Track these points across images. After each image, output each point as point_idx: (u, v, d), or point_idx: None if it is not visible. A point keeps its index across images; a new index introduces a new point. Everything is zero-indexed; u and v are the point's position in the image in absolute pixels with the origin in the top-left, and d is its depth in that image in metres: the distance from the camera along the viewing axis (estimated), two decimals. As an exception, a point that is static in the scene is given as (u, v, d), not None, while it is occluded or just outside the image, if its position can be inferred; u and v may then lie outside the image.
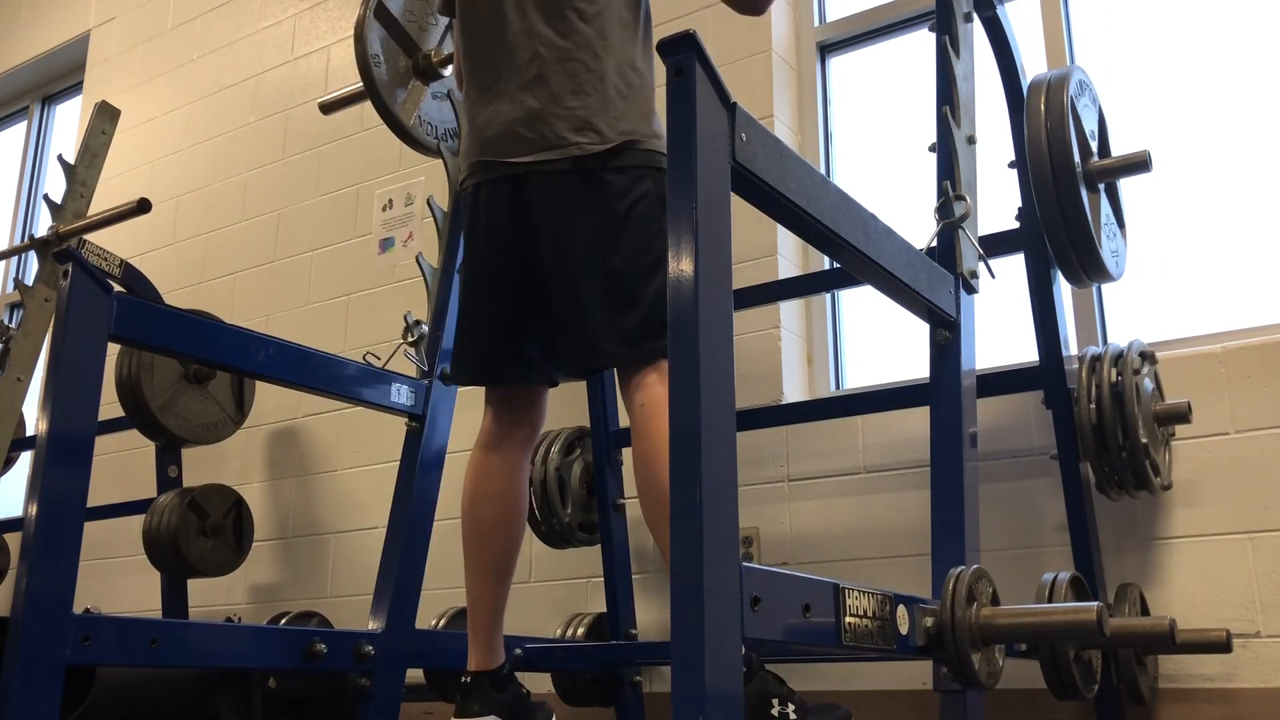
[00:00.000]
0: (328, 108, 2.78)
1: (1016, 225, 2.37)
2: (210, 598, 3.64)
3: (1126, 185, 2.41)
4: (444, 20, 2.58)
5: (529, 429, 2.04)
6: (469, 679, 1.94)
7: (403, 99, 2.56)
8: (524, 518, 2.03)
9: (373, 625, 2.21)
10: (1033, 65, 2.54)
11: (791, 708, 1.70)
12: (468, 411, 3.23)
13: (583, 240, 1.84)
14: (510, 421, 2.01)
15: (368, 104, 2.63)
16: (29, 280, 3.29)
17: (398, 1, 2.54)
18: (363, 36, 2.46)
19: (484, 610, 1.98)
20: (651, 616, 2.82)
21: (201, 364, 3.09)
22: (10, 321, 4.40)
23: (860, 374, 2.99)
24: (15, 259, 4.88)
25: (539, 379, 2.01)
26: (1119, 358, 2.17)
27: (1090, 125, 2.27)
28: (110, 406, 2.67)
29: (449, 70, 2.56)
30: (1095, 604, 1.43)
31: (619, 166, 1.84)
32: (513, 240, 1.91)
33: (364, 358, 2.40)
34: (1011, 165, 2.40)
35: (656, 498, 1.72)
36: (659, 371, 1.78)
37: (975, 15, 2.11)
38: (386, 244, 3.62)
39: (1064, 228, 2.14)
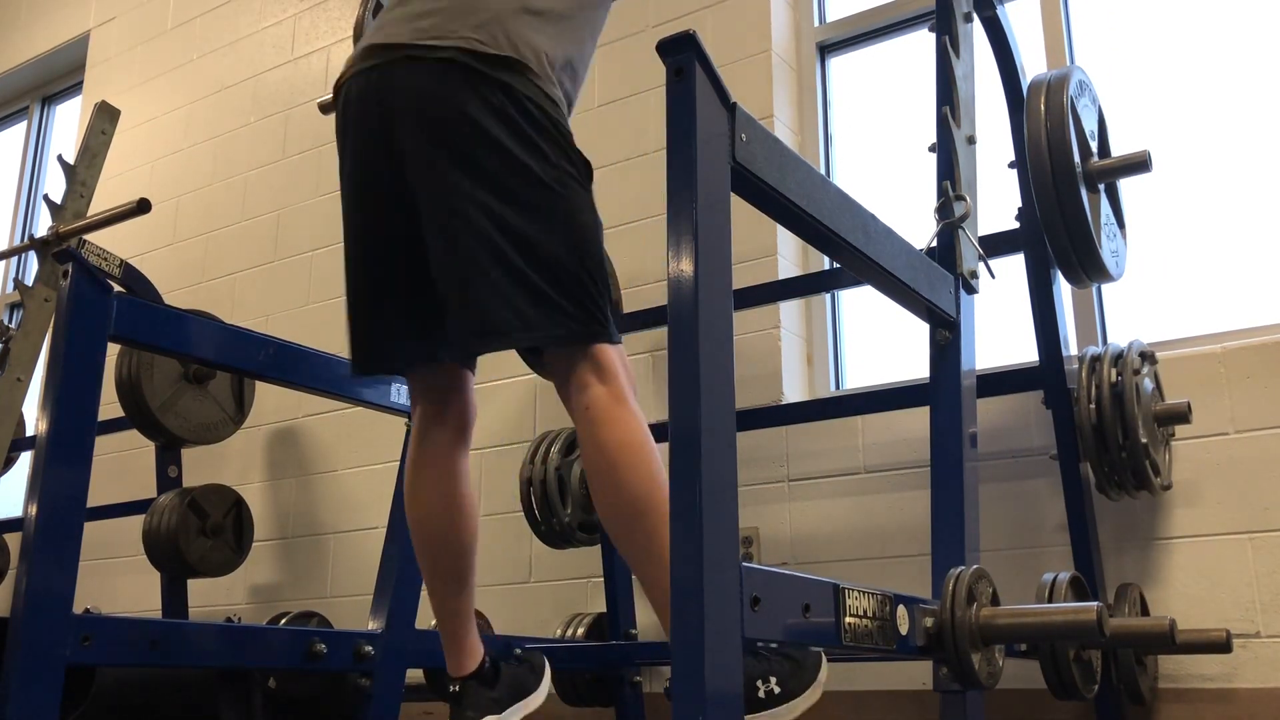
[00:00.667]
0: (327, 107, 2.77)
1: (1016, 225, 2.37)
2: (210, 598, 3.64)
3: (1126, 185, 2.41)
4: None
5: (457, 420, 1.78)
6: (456, 686, 1.81)
7: None
8: (473, 520, 1.77)
9: (373, 625, 2.21)
10: (1033, 65, 2.54)
11: (774, 680, 1.55)
12: (468, 411, 3.24)
13: (466, 178, 1.57)
14: (432, 416, 1.77)
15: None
16: (29, 280, 3.29)
17: None
18: (362, 36, 2.45)
19: (451, 618, 1.79)
20: (651, 616, 2.82)
21: (201, 364, 3.08)
22: (10, 321, 4.40)
23: (860, 374, 2.99)
24: (15, 259, 4.88)
25: (446, 356, 1.75)
26: (1119, 358, 2.17)
27: (1090, 125, 2.27)
28: (110, 406, 2.67)
29: None
30: (1095, 604, 1.43)
31: (512, 89, 1.58)
32: (382, 155, 1.69)
33: (364, 358, 2.39)
34: (1011, 165, 2.40)
35: (618, 511, 1.53)
36: (594, 366, 1.56)
37: (975, 15, 2.11)
38: (386, 244, 3.62)
39: (1064, 228, 2.14)
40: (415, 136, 1.63)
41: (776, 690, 1.54)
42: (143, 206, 2.88)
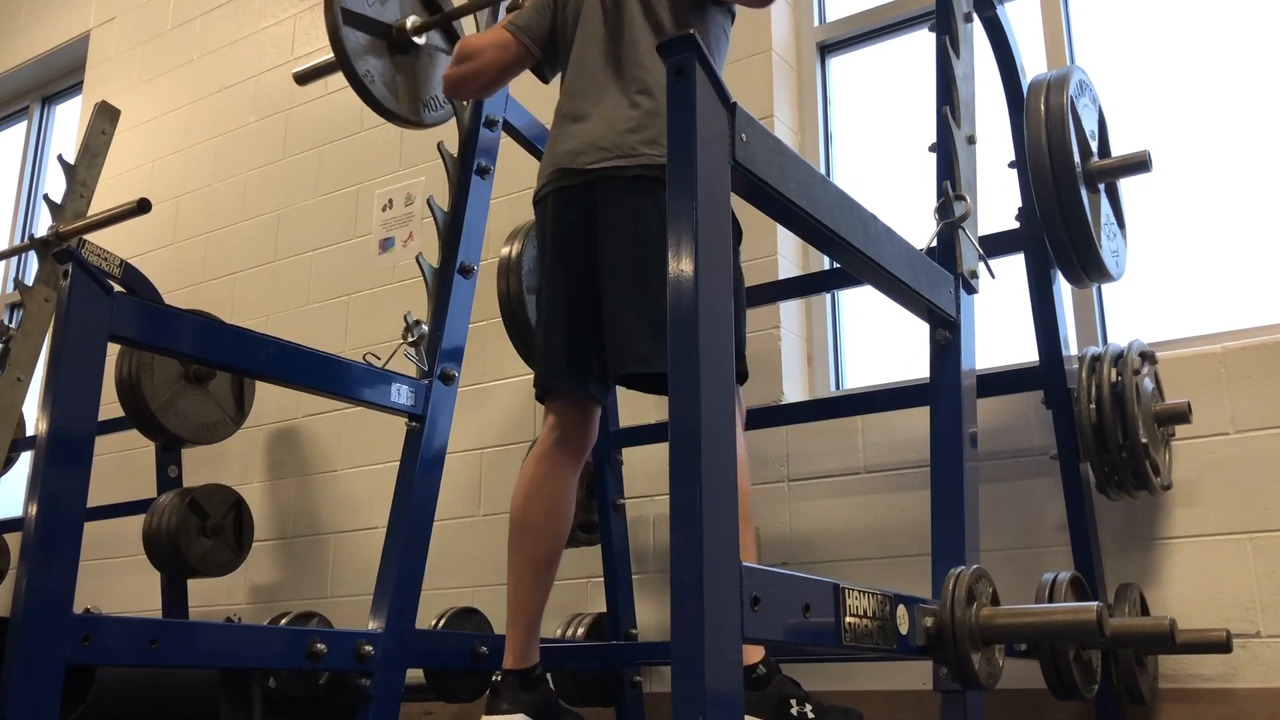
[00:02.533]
0: (303, 78, 2.72)
1: (1016, 225, 2.37)
2: (210, 598, 3.64)
3: (1126, 185, 2.41)
4: None
5: (583, 443, 2.12)
6: (500, 676, 1.99)
7: (391, 79, 2.48)
8: (567, 524, 2.08)
9: (373, 625, 2.21)
10: (1033, 65, 2.54)
11: (809, 707, 1.79)
12: (467, 412, 3.24)
13: (639, 252, 1.95)
14: (565, 433, 2.10)
15: (365, 106, 2.59)
16: (29, 280, 3.29)
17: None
18: (343, 48, 2.37)
19: (521, 609, 2.02)
20: (651, 616, 2.82)
21: (201, 364, 3.09)
22: (10, 321, 4.39)
23: (860, 374, 2.99)
24: (15, 259, 4.88)
25: (592, 389, 2.10)
26: (1119, 358, 2.17)
27: (1090, 125, 2.27)
28: (110, 406, 2.67)
29: (424, 38, 2.52)
30: (1095, 604, 1.43)
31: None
32: (583, 242, 2.03)
33: (364, 358, 2.40)
34: (1011, 165, 2.40)
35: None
36: None
37: (975, 15, 2.11)
38: (386, 244, 3.62)
39: (1064, 228, 2.14)
40: (615, 227, 2.00)
41: (810, 715, 1.77)
42: (143, 206, 2.88)
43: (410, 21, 2.52)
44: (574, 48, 2.12)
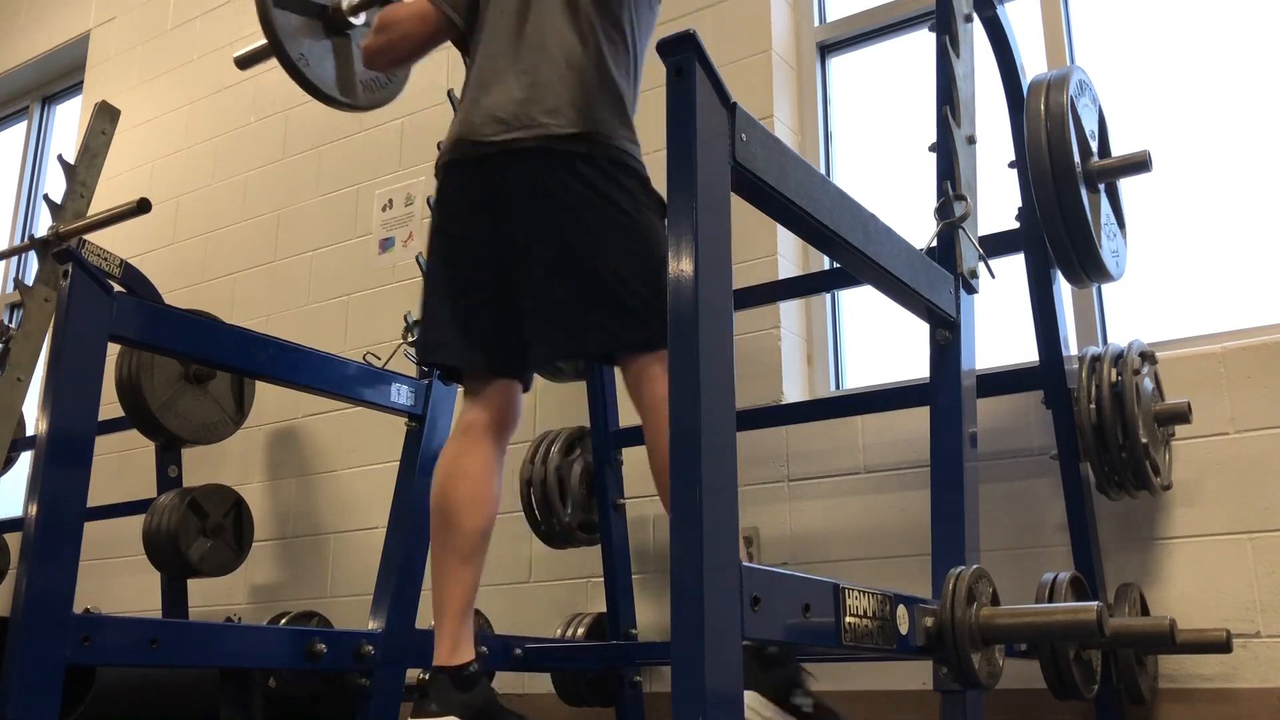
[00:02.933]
0: (242, 62, 2.62)
1: (1016, 225, 2.37)
2: (210, 598, 3.64)
3: (1126, 185, 2.41)
4: None
5: (504, 423, 1.99)
6: (428, 675, 1.83)
7: (328, 62, 2.37)
8: (494, 505, 1.94)
9: (373, 625, 2.21)
10: (1033, 65, 2.54)
11: (810, 701, 1.74)
12: (468, 411, 3.24)
13: (558, 231, 1.86)
14: (483, 415, 1.97)
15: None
16: (29, 280, 3.29)
17: None
18: (274, 31, 2.27)
19: (450, 600, 1.86)
20: (651, 616, 2.82)
21: (201, 364, 3.09)
22: (10, 321, 4.39)
23: (860, 374, 2.99)
24: (15, 259, 4.88)
25: (513, 371, 2.01)
26: (1119, 358, 2.17)
27: (1090, 125, 2.27)
28: (110, 406, 2.67)
29: (361, 17, 2.41)
30: (1095, 604, 1.43)
31: (588, 156, 1.87)
32: (483, 222, 1.94)
33: (364, 358, 2.40)
34: (1011, 165, 2.40)
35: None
36: (656, 362, 1.80)
37: (975, 15, 2.11)
38: (386, 244, 3.62)
39: (1064, 228, 2.14)
40: (522, 208, 1.90)
41: (806, 709, 1.71)
42: (143, 206, 2.88)
43: (346, 1, 2.42)
44: (489, 16, 2.04)
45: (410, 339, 2.51)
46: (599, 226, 1.86)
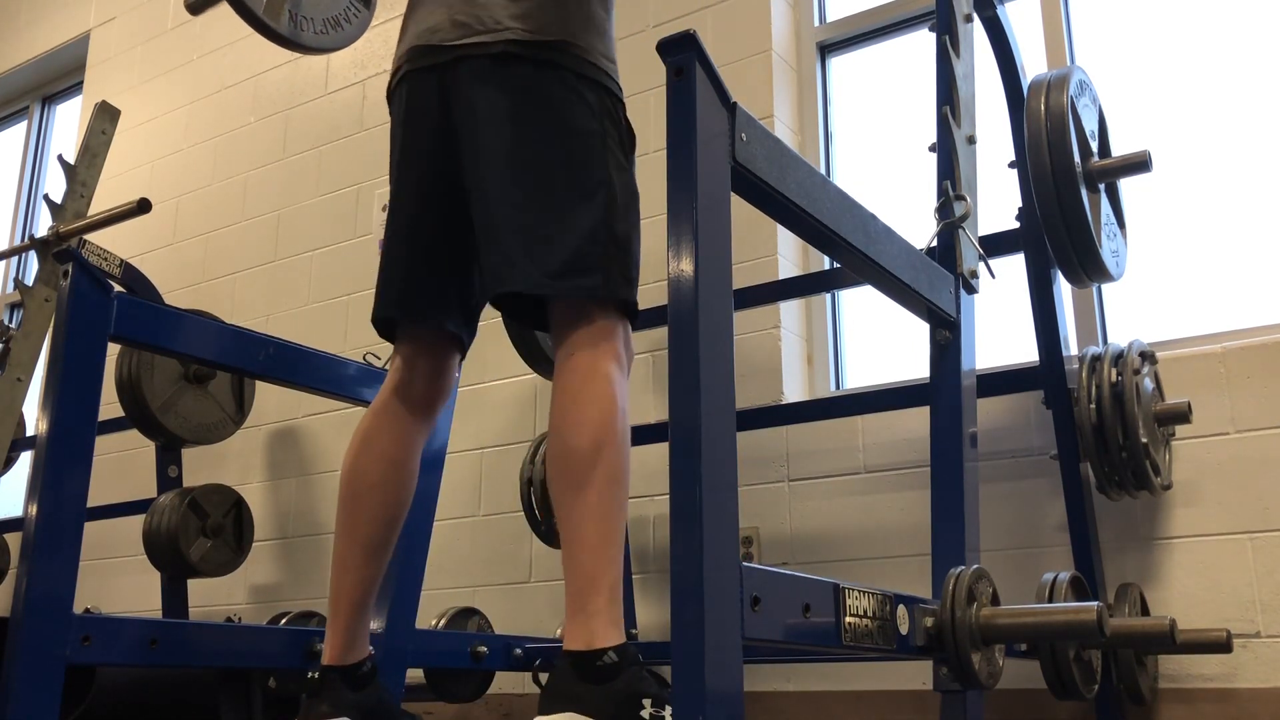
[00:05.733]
0: (195, 7, 2.45)
1: (1016, 225, 2.37)
2: (210, 598, 3.64)
3: (1126, 185, 2.41)
4: None
5: (433, 394, 1.78)
6: (317, 675, 1.68)
7: None
8: (408, 491, 1.76)
9: (373, 625, 2.21)
10: (1033, 65, 2.54)
11: (669, 711, 1.40)
12: (467, 412, 3.24)
13: (503, 141, 1.62)
14: (411, 382, 1.77)
15: (365, 106, 2.57)
16: (29, 280, 3.29)
17: None
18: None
19: (347, 593, 1.70)
20: (651, 616, 2.82)
21: (201, 364, 3.08)
22: (10, 321, 4.40)
23: (860, 374, 2.99)
24: (15, 259, 4.88)
25: (451, 326, 1.78)
26: (1119, 358, 2.17)
27: (1090, 125, 2.27)
28: (110, 406, 2.67)
29: None
30: (1095, 604, 1.43)
31: (553, 62, 1.63)
32: (436, 136, 1.71)
33: (364, 358, 2.40)
34: (1011, 165, 2.40)
35: (571, 453, 1.50)
36: (588, 322, 1.58)
37: (975, 15, 2.11)
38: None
39: (1064, 228, 2.14)
40: (480, 127, 1.66)
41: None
42: (143, 206, 2.88)
43: None
44: None
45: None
46: (553, 146, 1.62)
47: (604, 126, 1.67)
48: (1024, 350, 2.50)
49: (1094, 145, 2.27)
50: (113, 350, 2.11)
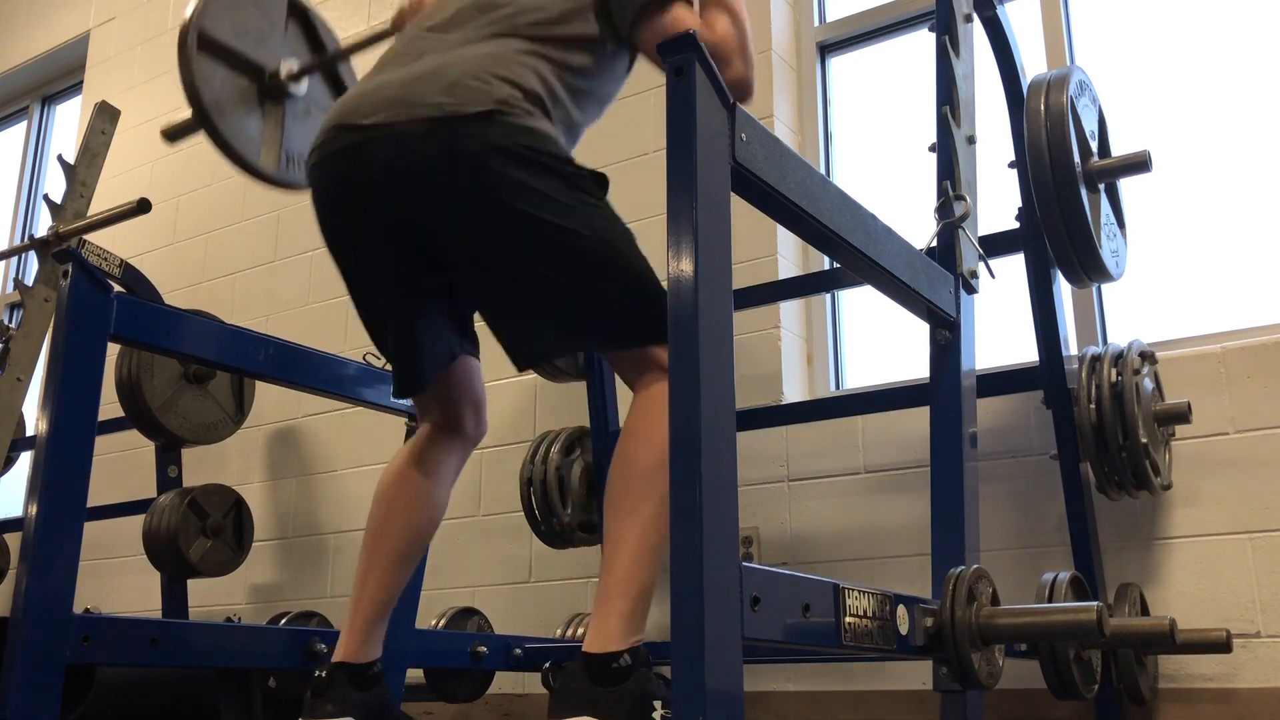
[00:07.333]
0: (172, 135, 2.34)
1: (1016, 225, 2.37)
2: (210, 598, 3.64)
3: (1126, 185, 2.41)
4: (281, 33, 2.20)
5: (458, 415, 1.85)
6: (325, 673, 1.69)
7: (257, 133, 2.12)
8: (440, 512, 1.84)
9: (374, 625, 2.20)
10: (1033, 65, 2.54)
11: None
12: (468, 411, 3.23)
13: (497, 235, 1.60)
14: (439, 413, 1.84)
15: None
16: (29, 280, 3.29)
17: (225, 27, 2.06)
18: (193, 79, 1.97)
19: (370, 593, 1.74)
20: (652, 616, 2.81)
21: (201, 364, 3.08)
22: (10, 321, 4.39)
23: (860, 374, 2.99)
24: (15, 259, 4.88)
25: (456, 353, 1.81)
26: (1119, 358, 2.17)
27: (1090, 125, 2.27)
28: (110, 406, 2.67)
29: (304, 86, 2.17)
30: (1095, 604, 1.43)
31: (497, 145, 1.57)
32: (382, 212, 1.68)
33: (364, 358, 2.40)
34: (1011, 165, 2.40)
35: (629, 477, 1.53)
36: (647, 356, 1.59)
37: (975, 15, 2.11)
38: (386, 244, 3.62)
39: (1064, 228, 2.14)
40: (429, 207, 1.64)
41: None
42: (143, 206, 2.88)
43: (286, 68, 2.15)
44: None
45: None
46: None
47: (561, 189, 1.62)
48: (1024, 350, 2.50)
49: (1094, 145, 2.27)
50: (113, 350, 2.10)
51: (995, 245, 2.29)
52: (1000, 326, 2.56)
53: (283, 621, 3.02)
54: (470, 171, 1.57)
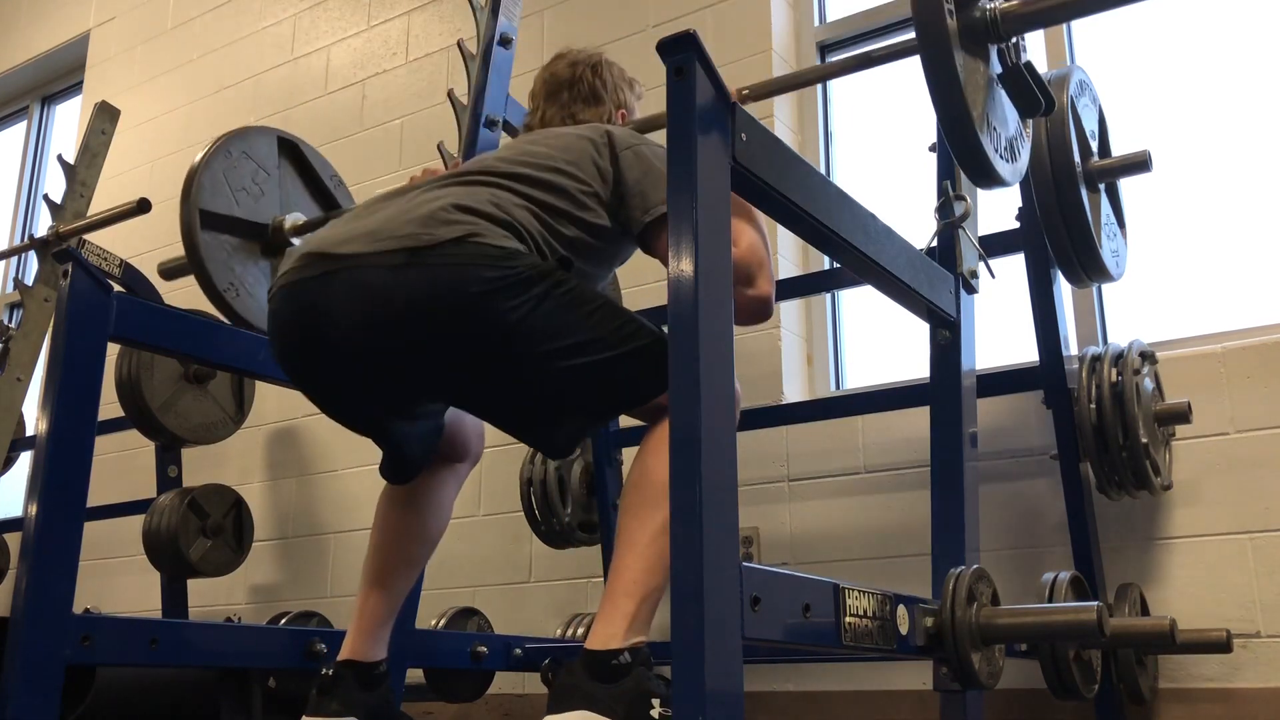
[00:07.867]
0: (168, 274, 2.38)
1: (1016, 225, 2.37)
2: (210, 598, 3.64)
3: (1126, 185, 2.41)
4: (276, 175, 2.23)
5: (457, 451, 1.90)
6: (331, 671, 1.68)
7: (261, 289, 2.14)
8: (444, 520, 1.90)
9: (373, 625, 2.20)
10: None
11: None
12: (468, 411, 3.23)
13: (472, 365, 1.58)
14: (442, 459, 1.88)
15: (364, 106, 2.57)
16: (29, 280, 3.29)
17: (223, 196, 2.09)
18: (199, 257, 1.99)
19: (383, 598, 1.77)
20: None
21: (201, 364, 3.08)
22: (10, 321, 4.39)
23: (860, 374, 2.99)
24: (15, 259, 4.88)
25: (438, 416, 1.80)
26: (1119, 358, 2.17)
27: (1090, 125, 2.27)
28: (110, 406, 2.66)
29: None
30: (1095, 604, 1.43)
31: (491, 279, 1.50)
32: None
33: (364, 358, 2.39)
34: (1011, 165, 2.40)
35: (647, 487, 1.53)
36: (657, 405, 1.59)
37: (975, 15, 2.11)
38: (386, 244, 3.61)
39: (1064, 228, 2.14)
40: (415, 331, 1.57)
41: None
42: (143, 206, 2.88)
43: (291, 220, 2.17)
44: None
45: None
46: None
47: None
48: (1024, 350, 2.50)
49: (1094, 145, 2.26)
50: (113, 350, 2.10)
51: (995, 245, 2.29)
52: (1000, 326, 2.56)
53: (283, 621, 3.02)
54: (450, 308, 1.50)
